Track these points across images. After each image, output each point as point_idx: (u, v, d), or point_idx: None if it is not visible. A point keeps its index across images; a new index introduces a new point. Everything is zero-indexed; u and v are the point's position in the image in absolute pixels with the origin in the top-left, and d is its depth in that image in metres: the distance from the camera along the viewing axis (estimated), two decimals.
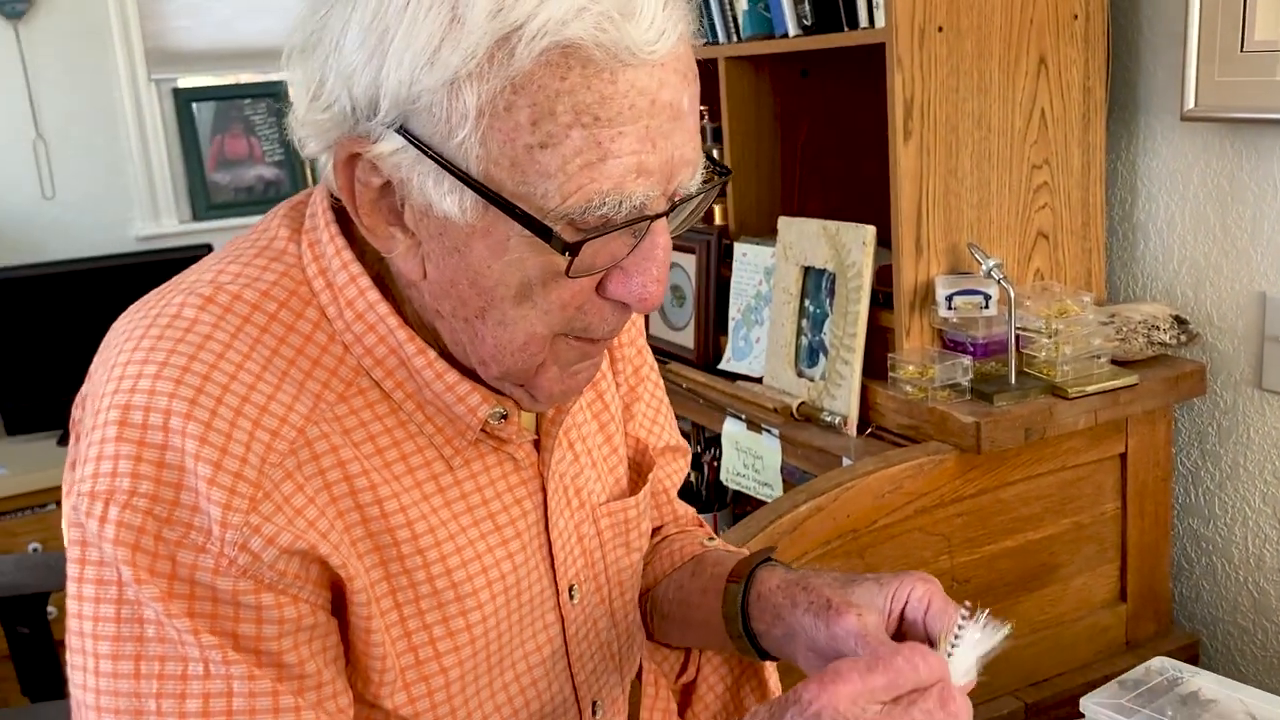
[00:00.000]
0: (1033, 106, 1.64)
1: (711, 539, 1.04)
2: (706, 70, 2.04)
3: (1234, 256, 1.64)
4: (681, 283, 2.12)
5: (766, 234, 1.93)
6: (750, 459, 1.79)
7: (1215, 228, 1.65)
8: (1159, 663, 1.06)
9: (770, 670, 1.03)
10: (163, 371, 0.69)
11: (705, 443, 2.17)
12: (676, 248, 2.21)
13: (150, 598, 0.66)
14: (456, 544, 0.79)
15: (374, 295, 0.76)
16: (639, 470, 0.99)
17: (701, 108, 2.24)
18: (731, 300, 1.98)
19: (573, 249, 0.67)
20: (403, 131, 0.67)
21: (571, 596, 0.88)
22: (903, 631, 0.81)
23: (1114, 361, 1.62)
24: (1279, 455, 1.63)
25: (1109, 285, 1.79)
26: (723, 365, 1.98)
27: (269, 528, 0.68)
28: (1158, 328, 1.63)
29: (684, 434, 2.33)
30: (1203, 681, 1.01)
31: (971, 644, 0.75)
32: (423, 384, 0.77)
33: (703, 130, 2.20)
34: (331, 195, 0.77)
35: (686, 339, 2.09)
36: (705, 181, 0.74)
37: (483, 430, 0.80)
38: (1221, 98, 1.53)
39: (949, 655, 0.75)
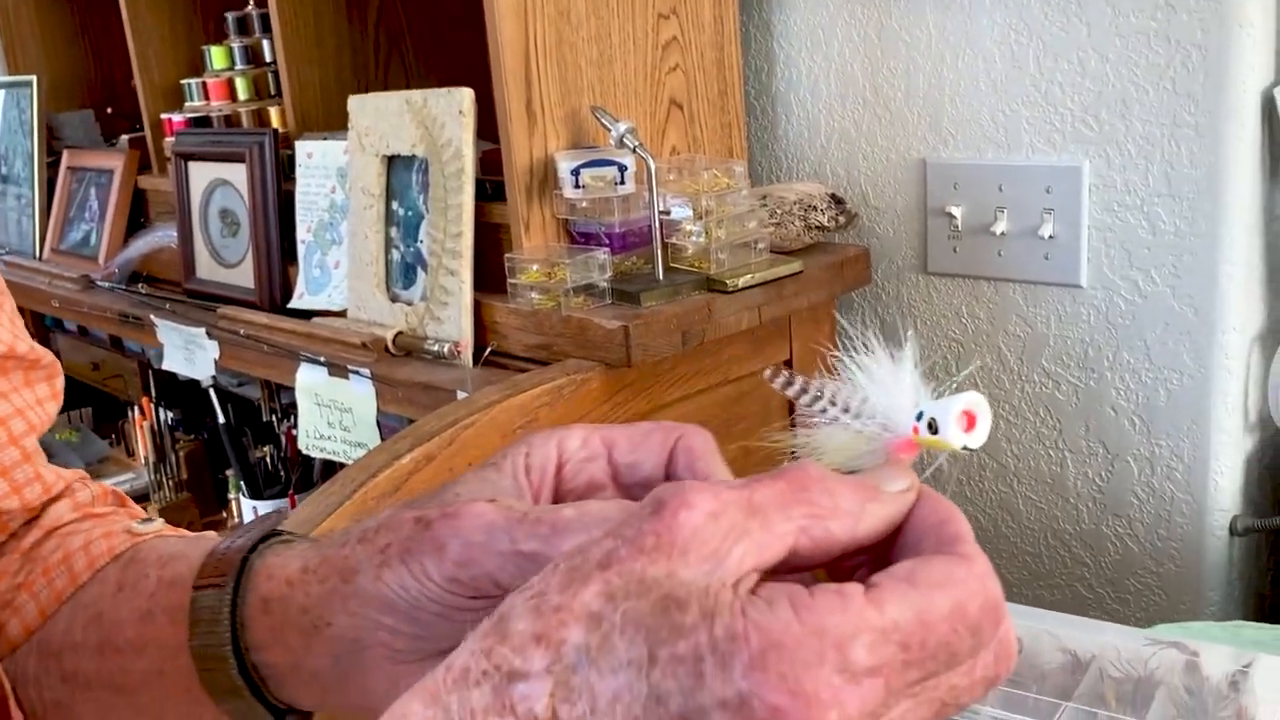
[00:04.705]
0: None
1: (147, 520, 0.59)
2: None
3: (888, 122, 1.42)
4: (231, 204, 1.64)
5: (337, 129, 1.50)
6: (336, 414, 1.37)
7: (865, 89, 1.42)
8: None
9: None
10: None
11: (282, 410, 1.71)
12: (217, 156, 1.72)
13: None
14: None
15: None
16: None
17: None
18: (299, 219, 1.54)
19: None
20: None
21: None
22: None
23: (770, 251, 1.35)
24: (950, 350, 1.43)
25: (750, 168, 1.53)
26: (295, 303, 1.54)
27: None
28: (815, 208, 1.38)
29: (253, 403, 1.86)
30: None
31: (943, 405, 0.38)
32: None
33: (245, 20, 1.73)
34: None
35: (244, 276, 1.61)
36: None
37: None
38: None
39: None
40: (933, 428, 0.38)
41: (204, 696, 0.47)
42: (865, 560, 0.37)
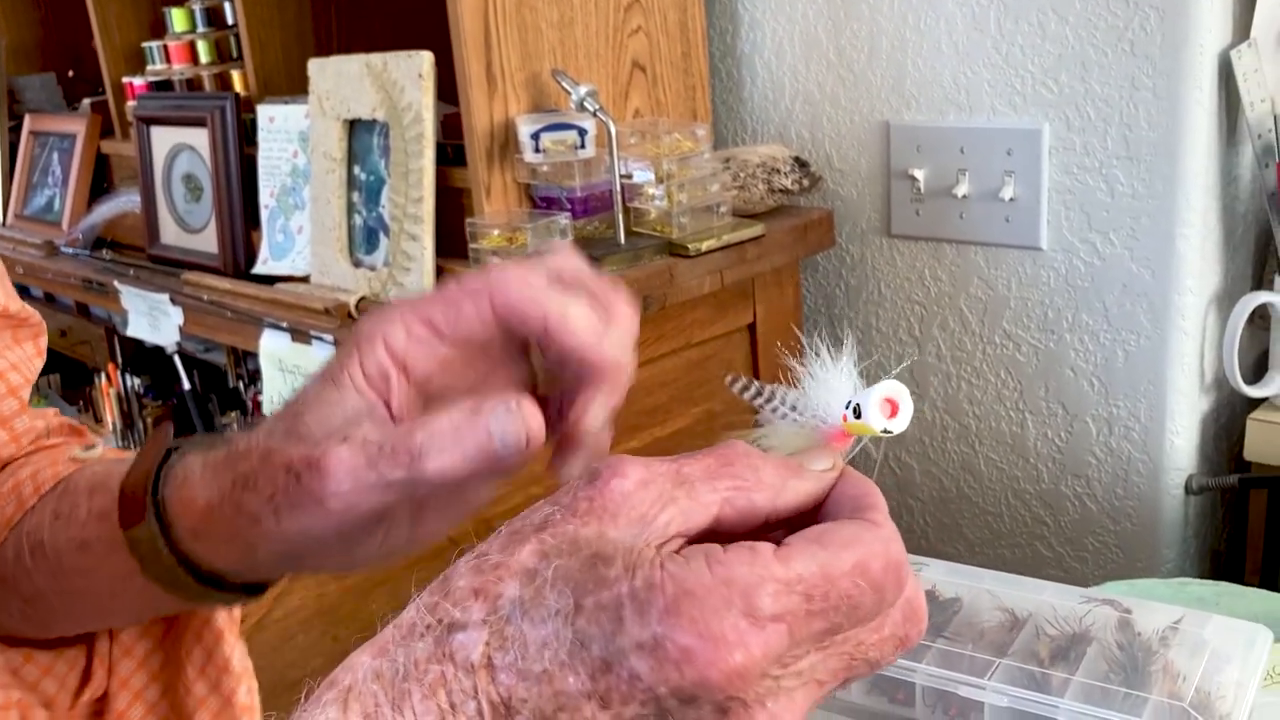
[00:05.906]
0: None
1: (90, 447, 0.61)
2: None
3: (851, 84, 1.41)
4: (195, 169, 1.63)
5: (298, 92, 1.49)
6: (300, 380, 1.36)
7: (829, 52, 1.42)
8: None
9: (227, 633, 0.63)
10: None
11: (248, 376, 1.70)
12: (179, 121, 1.70)
13: None
14: None
15: None
16: None
17: None
18: (261, 183, 1.53)
19: None
20: None
21: None
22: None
23: (733, 214, 1.35)
24: (913, 312, 1.44)
25: (714, 131, 1.52)
26: (259, 268, 1.53)
27: None
28: (778, 170, 1.38)
29: (218, 369, 1.86)
30: (935, 574, 0.74)
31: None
32: None
33: None
34: None
35: (208, 242, 1.60)
36: None
37: None
38: None
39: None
40: (857, 413, 0.40)
41: (167, 597, 0.51)
42: (786, 533, 0.38)
